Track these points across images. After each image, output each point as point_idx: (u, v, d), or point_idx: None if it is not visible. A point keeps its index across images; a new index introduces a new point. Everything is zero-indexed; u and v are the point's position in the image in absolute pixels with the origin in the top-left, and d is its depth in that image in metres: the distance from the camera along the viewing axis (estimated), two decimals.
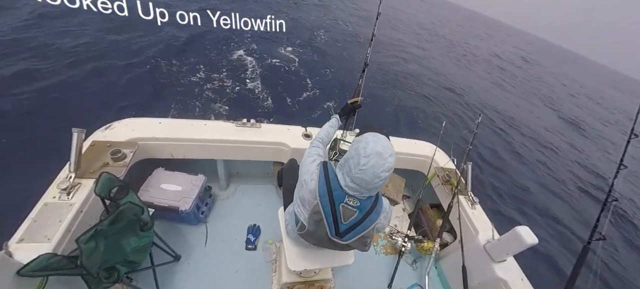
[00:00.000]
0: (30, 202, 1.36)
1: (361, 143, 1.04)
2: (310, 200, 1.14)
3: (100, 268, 1.18)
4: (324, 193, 1.09)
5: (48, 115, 3.69)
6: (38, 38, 5.07)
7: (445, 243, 2.32)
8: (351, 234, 1.13)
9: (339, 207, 1.09)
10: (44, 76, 4.30)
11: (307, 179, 1.16)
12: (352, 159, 1.04)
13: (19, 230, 1.25)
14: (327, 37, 11.09)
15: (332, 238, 1.14)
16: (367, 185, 1.02)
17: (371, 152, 0.99)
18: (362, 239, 1.16)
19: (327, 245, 1.21)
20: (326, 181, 1.10)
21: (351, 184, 1.05)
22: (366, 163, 0.99)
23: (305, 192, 1.16)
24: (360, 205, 1.09)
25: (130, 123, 1.94)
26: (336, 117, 1.53)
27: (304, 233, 1.21)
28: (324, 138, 1.41)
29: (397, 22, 20.47)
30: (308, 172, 1.17)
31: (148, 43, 6.22)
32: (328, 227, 1.12)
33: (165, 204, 1.86)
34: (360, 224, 1.11)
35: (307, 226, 1.18)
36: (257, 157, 2.18)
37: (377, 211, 1.13)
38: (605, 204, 1.51)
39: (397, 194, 2.56)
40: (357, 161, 1.01)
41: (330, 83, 7.40)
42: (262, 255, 2.04)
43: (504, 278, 1.76)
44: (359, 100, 1.62)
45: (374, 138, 1.04)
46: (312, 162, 1.20)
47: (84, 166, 1.53)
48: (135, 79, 5.05)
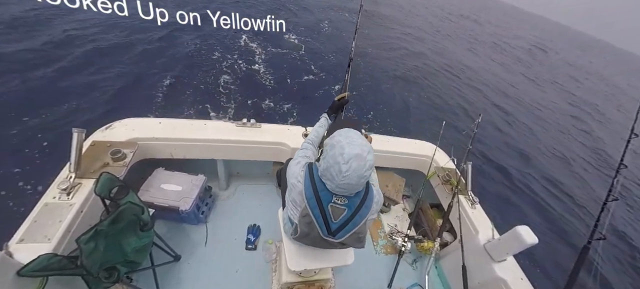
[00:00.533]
0: (30, 203, 1.36)
1: (336, 149, 1.01)
2: (300, 202, 1.15)
3: (101, 268, 1.18)
4: (310, 195, 1.09)
5: (48, 115, 3.69)
6: (38, 38, 5.07)
7: (445, 242, 2.32)
8: (343, 232, 1.13)
9: (328, 207, 1.09)
10: (44, 75, 4.31)
11: (295, 182, 1.17)
12: (332, 168, 1.02)
13: (19, 230, 1.25)
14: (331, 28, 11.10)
15: (325, 237, 1.15)
16: (353, 187, 1.04)
17: (350, 157, 0.98)
18: (355, 236, 1.16)
19: (323, 245, 1.22)
20: (312, 183, 1.10)
21: (338, 190, 1.06)
22: (348, 169, 0.98)
23: (295, 194, 1.18)
24: (348, 202, 1.09)
25: (130, 123, 1.94)
26: (325, 117, 1.55)
27: (298, 236, 1.22)
28: (314, 139, 1.42)
29: (411, 15, 20.05)
30: (294, 176, 1.18)
31: (148, 43, 6.23)
32: (319, 227, 1.12)
33: (166, 204, 1.86)
34: (351, 221, 1.11)
35: (300, 228, 1.18)
36: (257, 157, 2.18)
37: (367, 205, 1.12)
38: (605, 204, 1.51)
39: (397, 194, 2.56)
40: (338, 170, 0.99)
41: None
42: (262, 255, 2.04)
43: (504, 278, 1.76)
44: (346, 95, 1.62)
45: (346, 139, 1.02)
46: (297, 164, 1.21)
47: (84, 166, 1.53)
48: (135, 79, 5.05)
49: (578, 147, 9.06)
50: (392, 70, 9.33)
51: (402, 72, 9.40)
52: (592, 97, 15.73)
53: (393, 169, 2.67)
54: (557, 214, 5.55)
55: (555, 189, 6.39)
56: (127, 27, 6.29)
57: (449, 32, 18.73)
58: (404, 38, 13.71)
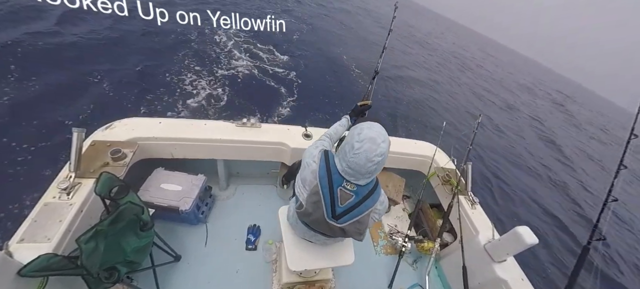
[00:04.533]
0: (30, 202, 1.36)
1: (356, 129, 1.10)
2: (311, 180, 1.20)
3: (101, 268, 1.18)
4: (323, 175, 1.14)
5: (48, 115, 3.68)
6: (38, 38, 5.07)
7: (446, 243, 2.32)
8: (347, 217, 1.16)
9: (337, 190, 1.13)
10: (43, 75, 4.30)
11: (310, 161, 1.23)
12: (347, 144, 1.10)
13: (19, 230, 1.24)
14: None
15: (328, 220, 1.17)
16: (361, 169, 1.07)
17: (365, 138, 1.05)
18: (357, 225, 1.19)
19: (324, 228, 1.24)
20: (326, 165, 1.16)
21: (347, 169, 1.10)
22: (360, 147, 1.05)
23: (307, 173, 1.23)
24: (356, 190, 1.13)
25: (130, 123, 1.94)
26: (347, 118, 1.61)
27: (302, 211, 1.25)
28: (333, 135, 1.50)
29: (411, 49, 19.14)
30: (311, 156, 1.25)
31: (148, 43, 6.22)
32: (325, 208, 1.15)
33: (165, 204, 1.86)
34: (357, 208, 1.15)
35: (306, 206, 1.22)
36: (257, 157, 2.18)
37: (374, 198, 1.17)
38: (605, 205, 1.51)
39: (397, 194, 2.55)
40: (351, 146, 1.07)
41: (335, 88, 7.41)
42: (262, 255, 2.04)
43: (504, 278, 1.76)
44: (369, 103, 1.69)
45: (368, 125, 1.10)
46: (316, 148, 1.29)
47: (84, 166, 1.53)
48: (135, 79, 5.05)
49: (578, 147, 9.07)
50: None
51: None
52: None
53: (393, 169, 2.67)
54: (557, 214, 5.56)
55: (555, 189, 6.40)
56: (127, 27, 6.28)
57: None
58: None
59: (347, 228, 1.18)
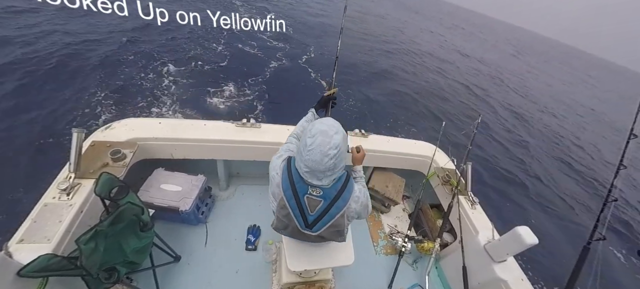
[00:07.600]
0: (30, 203, 1.36)
1: (309, 126, 1.08)
2: (278, 194, 1.15)
3: (100, 269, 1.18)
4: (287, 187, 1.10)
5: (47, 115, 3.68)
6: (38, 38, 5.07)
7: (446, 243, 2.32)
8: (320, 224, 1.12)
9: (304, 199, 1.09)
10: (44, 75, 4.30)
11: (274, 175, 1.19)
12: (301, 144, 1.06)
13: (19, 230, 1.24)
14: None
15: (302, 230, 1.13)
16: (318, 166, 1.03)
17: (316, 132, 1.02)
18: (333, 229, 1.14)
19: (302, 238, 1.20)
20: (289, 174, 1.11)
21: (304, 169, 1.06)
22: (312, 143, 1.01)
23: (273, 187, 1.18)
24: (324, 194, 1.09)
25: (130, 123, 1.94)
26: (312, 111, 1.54)
27: (276, 227, 1.22)
28: (298, 133, 1.42)
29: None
30: (274, 168, 1.20)
31: (147, 44, 6.22)
32: (296, 219, 1.12)
33: (165, 205, 1.86)
34: (327, 213, 1.10)
35: (278, 220, 1.19)
36: (257, 157, 2.18)
37: (345, 197, 1.11)
38: (605, 204, 1.51)
39: (397, 195, 2.55)
40: (304, 143, 1.03)
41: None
42: (262, 255, 2.04)
43: (504, 278, 1.76)
44: (334, 92, 1.62)
45: (320, 121, 1.07)
46: (279, 158, 1.23)
47: (84, 166, 1.53)
48: (135, 79, 5.05)
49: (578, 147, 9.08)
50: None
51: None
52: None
53: (393, 169, 2.67)
54: (557, 214, 5.56)
55: (556, 189, 6.40)
56: (127, 27, 6.28)
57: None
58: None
59: (323, 233, 1.15)
